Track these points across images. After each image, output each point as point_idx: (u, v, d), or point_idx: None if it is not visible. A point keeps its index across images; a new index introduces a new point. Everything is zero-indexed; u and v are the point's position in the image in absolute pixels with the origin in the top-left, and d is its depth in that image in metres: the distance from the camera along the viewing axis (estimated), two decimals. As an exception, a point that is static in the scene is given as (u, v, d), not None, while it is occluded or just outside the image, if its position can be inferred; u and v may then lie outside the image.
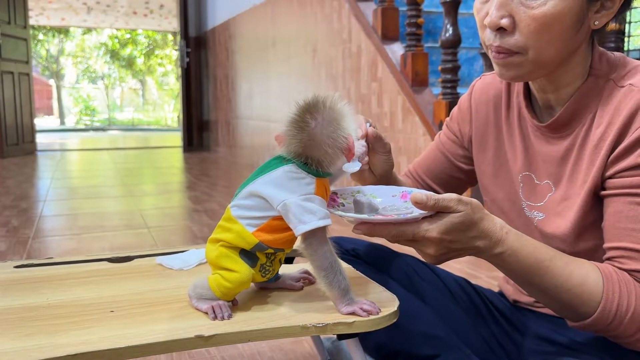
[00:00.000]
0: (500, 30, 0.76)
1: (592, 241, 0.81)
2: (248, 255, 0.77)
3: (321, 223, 0.71)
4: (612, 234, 0.75)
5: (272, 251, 0.78)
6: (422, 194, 0.69)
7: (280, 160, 0.76)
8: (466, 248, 0.72)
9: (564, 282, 0.73)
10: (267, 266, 0.79)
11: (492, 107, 0.96)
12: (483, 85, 0.99)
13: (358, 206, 0.78)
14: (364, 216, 0.73)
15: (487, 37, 0.79)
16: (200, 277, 0.79)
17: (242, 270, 0.76)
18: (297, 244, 0.76)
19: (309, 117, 0.74)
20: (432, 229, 0.69)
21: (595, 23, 0.77)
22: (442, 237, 0.69)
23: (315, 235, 0.73)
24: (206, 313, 0.75)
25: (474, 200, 0.71)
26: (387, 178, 0.93)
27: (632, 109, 0.74)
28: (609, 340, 0.77)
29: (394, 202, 0.81)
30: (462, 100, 1.03)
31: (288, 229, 0.75)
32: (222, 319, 0.74)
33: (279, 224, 0.75)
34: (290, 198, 0.73)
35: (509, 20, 0.75)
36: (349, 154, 0.76)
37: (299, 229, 0.71)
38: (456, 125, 1.03)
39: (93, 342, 0.66)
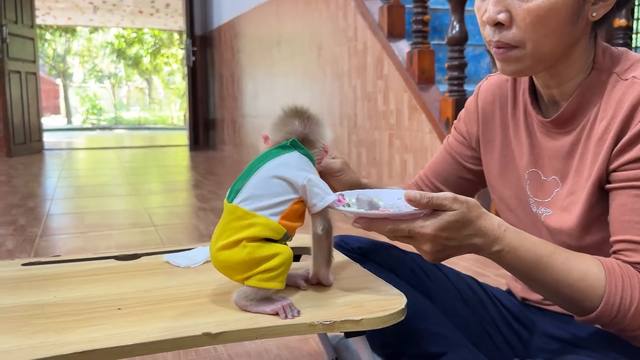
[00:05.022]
0: (498, 25, 0.77)
1: (598, 235, 0.81)
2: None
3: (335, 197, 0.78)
4: (618, 227, 0.75)
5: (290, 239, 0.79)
6: (416, 191, 0.70)
7: (280, 150, 0.80)
8: (463, 246, 0.72)
9: (565, 278, 0.73)
10: None
11: (498, 106, 0.96)
12: (489, 86, 0.99)
13: (360, 203, 0.79)
14: (362, 210, 0.74)
15: (487, 33, 0.80)
16: (239, 290, 0.76)
17: (283, 248, 0.75)
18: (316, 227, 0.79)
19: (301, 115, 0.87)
20: (427, 225, 0.70)
21: (593, 15, 0.77)
22: (436, 233, 0.70)
23: (329, 213, 0.79)
24: (275, 314, 0.74)
25: (471, 199, 0.72)
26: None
27: (635, 101, 0.74)
28: (617, 337, 0.76)
29: (396, 203, 0.82)
30: (469, 101, 1.03)
31: (303, 215, 0.79)
32: (293, 317, 0.73)
33: (299, 208, 0.77)
34: (311, 174, 0.78)
35: (506, 15, 0.76)
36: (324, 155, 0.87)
37: (328, 199, 0.77)
38: (463, 126, 1.03)
39: (100, 340, 0.66)
